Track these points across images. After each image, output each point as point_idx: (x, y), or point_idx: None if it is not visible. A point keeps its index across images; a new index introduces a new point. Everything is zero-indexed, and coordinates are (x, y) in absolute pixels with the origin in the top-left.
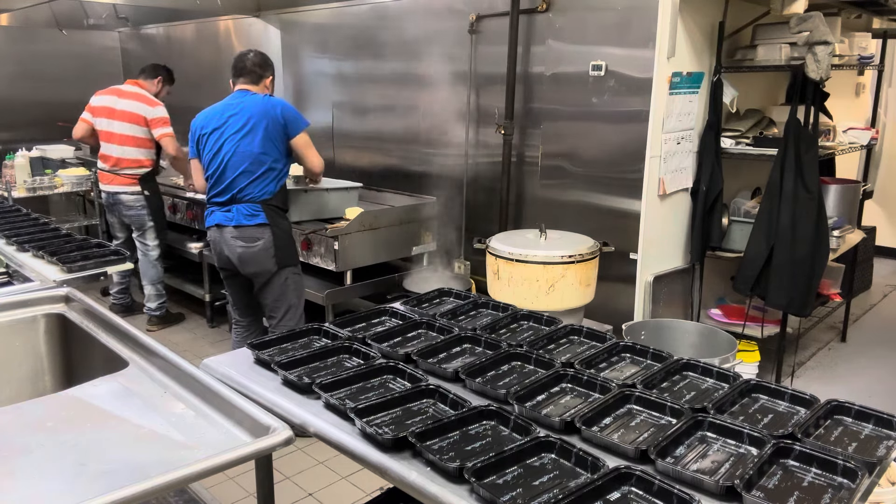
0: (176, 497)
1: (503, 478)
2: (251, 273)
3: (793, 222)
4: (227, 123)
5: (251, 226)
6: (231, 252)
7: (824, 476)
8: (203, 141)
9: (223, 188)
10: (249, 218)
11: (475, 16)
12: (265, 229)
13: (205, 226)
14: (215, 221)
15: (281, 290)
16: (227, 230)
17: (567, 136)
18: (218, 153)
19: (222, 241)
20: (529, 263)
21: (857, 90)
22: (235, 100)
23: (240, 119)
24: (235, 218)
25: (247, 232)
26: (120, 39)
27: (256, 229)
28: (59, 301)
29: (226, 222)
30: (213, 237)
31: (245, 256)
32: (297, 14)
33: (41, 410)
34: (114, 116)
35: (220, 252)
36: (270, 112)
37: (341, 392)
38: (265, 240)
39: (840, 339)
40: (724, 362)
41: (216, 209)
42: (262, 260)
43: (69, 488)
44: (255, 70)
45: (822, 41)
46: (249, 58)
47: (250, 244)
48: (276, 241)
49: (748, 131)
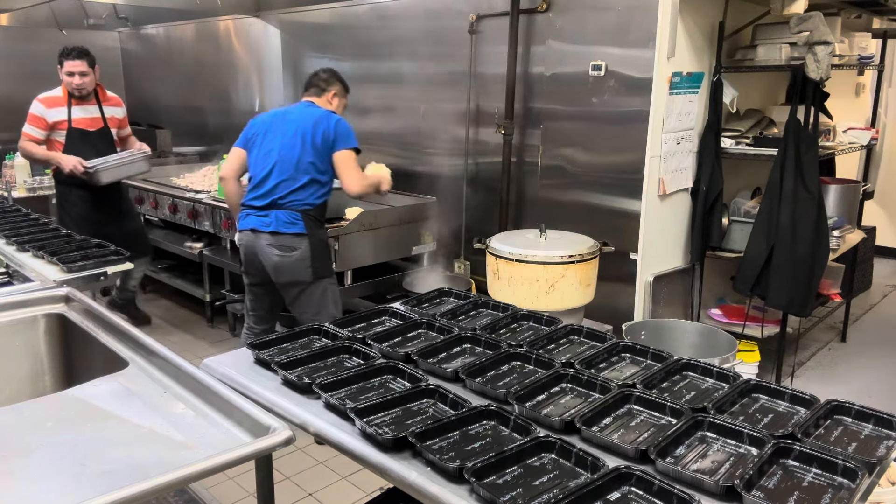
0: (176, 497)
1: (503, 478)
2: (285, 282)
3: (793, 222)
4: (282, 129)
5: (288, 234)
6: (266, 260)
7: (824, 476)
8: (256, 140)
9: (264, 192)
10: (288, 226)
11: (475, 16)
12: (303, 239)
13: (238, 228)
14: (250, 226)
15: (321, 301)
16: (262, 236)
17: (567, 136)
18: (266, 156)
19: (256, 247)
20: (529, 263)
21: (857, 90)
22: (297, 108)
23: (294, 127)
24: (273, 224)
25: (283, 240)
26: (120, 39)
27: (294, 238)
28: (59, 301)
29: (262, 227)
30: (246, 241)
31: (281, 266)
32: (297, 14)
33: (41, 410)
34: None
35: (251, 258)
36: (324, 125)
37: (341, 392)
38: (302, 249)
39: (840, 339)
40: (724, 362)
41: (252, 213)
42: (299, 270)
43: (69, 488)
44: (318, 83)
45: (822, 41)
46: (319, 73)
47: (287, 253)
48: (313, 251)
49: (748, 131)
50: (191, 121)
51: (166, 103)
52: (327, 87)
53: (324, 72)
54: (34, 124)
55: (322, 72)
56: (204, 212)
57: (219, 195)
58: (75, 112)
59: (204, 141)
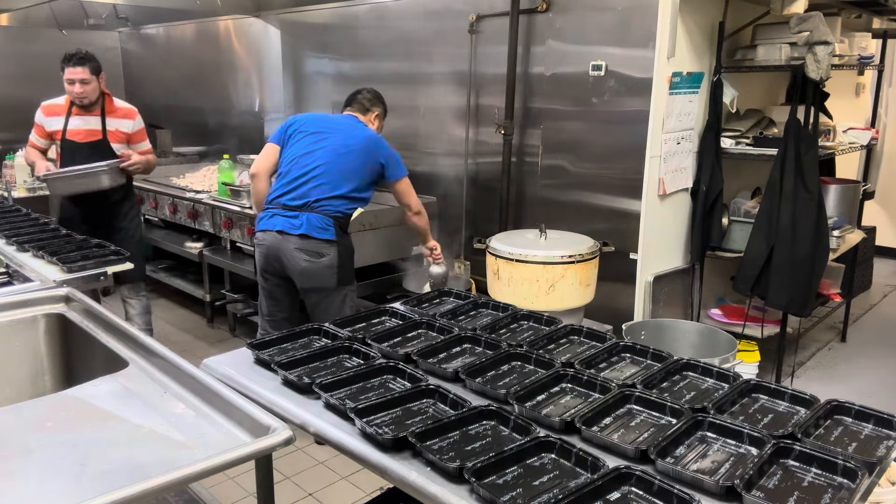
0: (176, 497)
1: (503, 478)
2: (308, 288)
3: (793, 222)
4: (331, 133)
5: (319, 239)
6: (292, 264)
7: (824, 476)
8: (296, 137)
9: (300, 193)
10: (319, 230)
11: (475, 16)
12: (332, 246)
13: (257, 228)
14: (277, 227)
15: (340, 308)
16: (290, 239)
17: (567, 136)
18: (309, 156)
19: (281, 250)
20: (529, 263)
21: (857, 90)
22: (346, 119)
23: (345, 137)
24: (304, 227)
25: (313, 245)
26: (120, 39)
27: (323, 244)
28: (59, 301)
29: (291, 230)
30: (270, 243)
31: (309, 271)
32: (297, 14)
33: (41, 410)
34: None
35: (272, 260)
36: (373, 149)
37: (341, 392)
38: (331, 256)
39: (840, 339)
40: (724, 362)
41: (280, 213)
42: (326, 276)
43: (69, 488)
44: (363, 102)
45: (822, 41)
46: (362, 92)
47: (315, 259)
48: (340, 258)
49: (748, 131)
50: (191, 121)
51: (166, 103)
52: (371, 108)
53: (368, 91)
54: (35, 131)
55: (367, 91)
56: (204, 212)
57: (219, 195)
58: (73, 122)
59: (204, 141)
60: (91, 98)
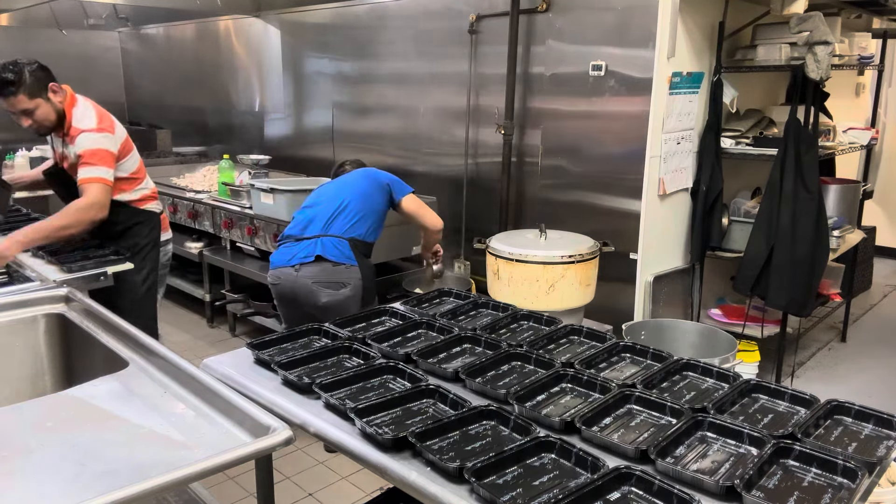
0: (176, 497)
1: (503, 478)
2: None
3: (793, 222)
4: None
5: (337, 264)
6: (312, 300)
7: (824, 476)
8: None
9: (311, 220)
10: (336, 254)
11: (475, 16)
12: (353, 271)
13: (271, 267)
14: (292, 261)
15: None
16: (305, 270)
17: (567, 136)
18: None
19: (296, 290)
20: (529, 263)
21: (857, 90)
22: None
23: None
24: (318, 250)
25: (330, 272)
26: (120, 39)
27: (343, 270)
28: (59, 301)
29: (306, 259)
30: (284, 280)
31: (331, 305)
32: (297, 14)
33: (41, 410)
34: None
35: (291, 298)
36: (374, 173)
37: (341, 392)
38: (353, 285)
39: (840, 339)
40: (724, 362)
41: (292, 245)
42: (350, 307)
43: (69, 488)
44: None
45: (822, 41)
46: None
47: (336, 291)
48: (364, 284)
49: (748, 131)
50: (191, 121)
51: (166, 103)
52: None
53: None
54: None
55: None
56: (204, 212)
57: (219, 195)
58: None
59: (204, 141)
60: (47, 125)
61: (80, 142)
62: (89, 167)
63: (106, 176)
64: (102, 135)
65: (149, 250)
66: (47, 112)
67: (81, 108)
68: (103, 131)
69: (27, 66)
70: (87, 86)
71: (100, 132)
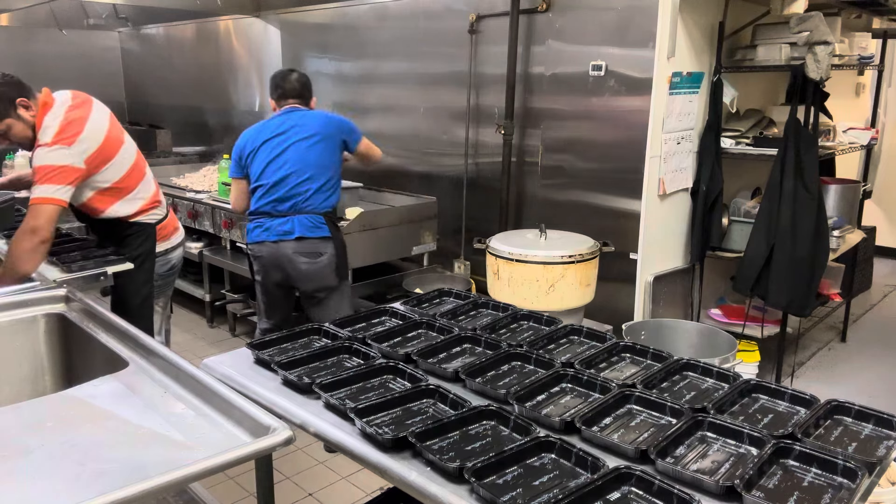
0: (176, 497)
1: (503, 478)
2: (312, 289)
3: (793, 222)
4: (287, 132)
5: (314, 238)
6: (293, 269)
7: (824, 476)
8: (253, 155)
9: (282, 196)
10: (313, 230)
11: (475, 16)
12: (327, 243)
13: (250, 240)
14: (272, 237)
15: (339, 304)
16: (285, 245)
17: (567, 136)
18: (276, 159)
19: (280, 258)
20: (529, 263)
21: (857, 90)
22: (293, 113)
23: (305, 130)
24: (297, 230)
25: (309, 245)
26: (120, 39)
27: (320, 243)
28: (59, 301)
29: (285, 236)
30: (267, 252)
31: (310, 273)
32: (297, 14)
33: (41, 410)
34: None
35: (273, 268)
36: (332, 126)
37: (341, 392)
38: (328, 254)
39: (840, 339)
40: (724, 362)
41: (268, 221)
42: (326, 274)
43: (69, 488)
44: (303, 93)
45: (822, 41)
46: (295, 78)
47: (314, 259)
48: (337, 255)
49: (748, 131)
50: (191, 121)
51: (166, 103)
52: (311, 95)
53: (299, 75)
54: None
55: (298, 76)
56: (204, 212)
57: (219, 195)
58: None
59: (204, 141)
60: (26, 142)
61: (35, 158)
62: (37, 186)
63: (55, 195)
64: (54, 148)
65: (140, 262)
66: (21, 129)
67: (49, 119)
68: (57, 144)
69: None
70: (87, 86)
71: (53, 146)
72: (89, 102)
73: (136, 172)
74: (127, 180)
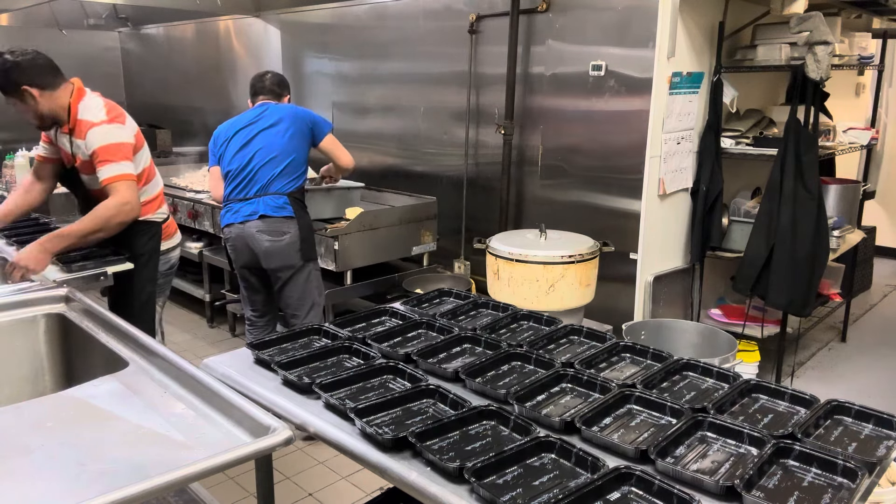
0: (176, 497)
1: (503, 478)
2: (275, 268)
3: (793, 222)
4: (256, 122)
5: (278, 217)
6: (257, 246)
7: (824, 476)
8: (227, 143)
9: (249, 180)
10: (277, 210)
11: (475, 16)
12: (291, 223)
13: (222, 224)
14: (237, 218)
15: (305, 286)
16: (250, 224)
17: (567, 136)
18: (246, 146)
19: (246, 237)
20: (529, 263)
21: (857, 90)
22: (261, 107)
23: (271, 117)
24: (261, 209)
25: (273, 224)
26: (120, 39)
27: (283, 222)
28: (59, 301)
29: (251, 216)
30: (235, 233)
31: (272, 250)
32: (297, 14)
33: (41, 410)
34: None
35: (242, 248)
36: (298, 115)
37: (341, 392)
38: (292, 234)
39: (840, 339)
40: (724, 362)
41: (236, 204)
42: (289, 254)
43: (69, 488)
44: (273, 89)
45: (822, 41)
46: (268, 78)
47: (277, 238)
48: (301, 233)
49: (748, 131)
50: (191, 121)
51: (166, 103)
52: (282, 92)
53: (273, 76)
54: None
55: (271, 76)
56: (204, 212)
57: None
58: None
59: (204, 141)
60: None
61: (95, 137)
62: (109, 164)
63: (128, 171)
64: (114, 126)
65: (146, 261)
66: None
67: (88, 101)
68: (115, 122)
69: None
70: (87, 86)
71: (112, 123)
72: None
73: (151, 168)
74: (145, 174)
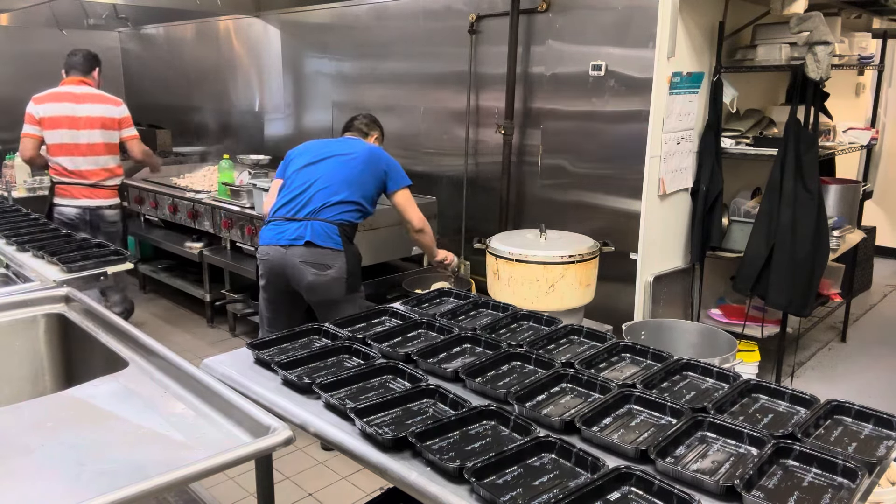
0: (176, 497)
1: (503, 478)
2: (318, 301)
3: (793, 222)
4: (332, 147)
5: (324, 248)
6: (297, 277)
7: (824, 476)
8: (298, 161)
9: (304, 200)
10: (325, 239)
11: (475, 16)
12: (338, 256)
13: (261, 242)
14: (282, 241)
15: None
16: (294, 251)
17: (567, 136)
18: (311, 166)
19: (287, 266)
20: (529, 263)
21: (857, 90)
22: (345, 139)
23: (347, 148)
24: (307, 235)
25: (318, 256)
26: (120, 39)
27: (329, 254)
28: (59, 301)
29: (296, 241)
30: (276, 259)
31: (315, 284)
32: (297, 14)
33: (41, 410)
34: (78, 125)
35: (277, 274)
36: (375, 159)
37: (341, 392)
38: (337, 267)
39: (840, 339)
40: (724, 362)
41: (283, 224)
42: (334, 288)
43: (69, 488)
44: (361, 127)
45: (822, 41)
46: (358, 118)
47: (322, 272)
48: (349, 268)
49: (748, 131)
50: (191, 121)
51: (166, 103)
52: (370, 132)
53: (364, 116)
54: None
55: (363, 116)
56: (204, 212)
57: (219, 195)
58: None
59: (204, 141)
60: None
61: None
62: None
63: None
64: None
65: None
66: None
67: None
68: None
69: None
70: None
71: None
72: None
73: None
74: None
